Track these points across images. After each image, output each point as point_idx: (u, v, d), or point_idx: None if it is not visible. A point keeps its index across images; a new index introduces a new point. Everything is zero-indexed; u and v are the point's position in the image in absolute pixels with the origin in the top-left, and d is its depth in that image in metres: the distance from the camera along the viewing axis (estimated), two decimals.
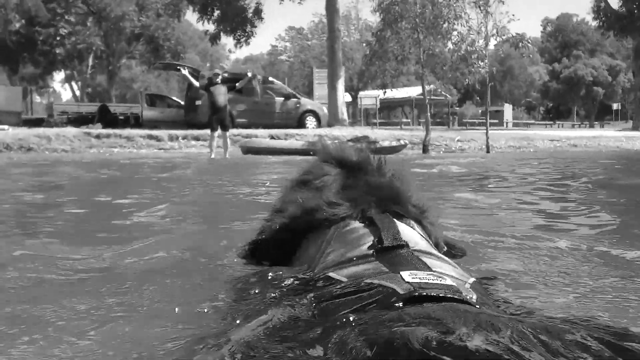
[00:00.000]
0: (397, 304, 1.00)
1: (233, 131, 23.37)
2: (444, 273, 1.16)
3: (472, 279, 1.21)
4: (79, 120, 29.04)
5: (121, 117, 30.11)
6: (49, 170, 11.05)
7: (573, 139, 28.71)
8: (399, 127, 40.23)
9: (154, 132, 22.55)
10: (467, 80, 20.11)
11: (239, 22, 31.71)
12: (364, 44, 33.00)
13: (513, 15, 19.84)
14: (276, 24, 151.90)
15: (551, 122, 70.34)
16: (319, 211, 1.57)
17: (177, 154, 19.72)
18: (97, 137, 21.79)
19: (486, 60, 20.10)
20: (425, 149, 20.83)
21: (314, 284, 1.25)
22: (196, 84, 18.40)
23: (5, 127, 22.06)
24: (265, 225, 1.77)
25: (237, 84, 18.62)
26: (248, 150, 18.55)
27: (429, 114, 22.01)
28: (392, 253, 1.27)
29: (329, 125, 27.57)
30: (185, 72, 18.46)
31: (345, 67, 31.19)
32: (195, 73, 27.49)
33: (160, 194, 6.43)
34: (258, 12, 32.10)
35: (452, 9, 19.50)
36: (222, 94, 16.83)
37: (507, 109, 63.01)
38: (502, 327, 0.83)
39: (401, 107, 65.49)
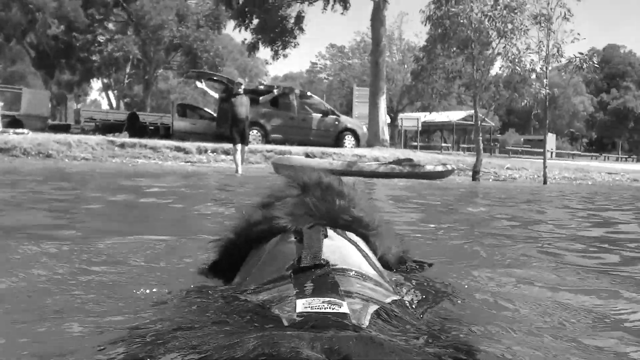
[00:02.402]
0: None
1: (266, 147, 22.02)
2: (355, 294, 1.17)
3: (389, 299, 1.23)
4: (107, 127, 27.97)
5: (151, 127, 28.96)
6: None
7: (631, 172, 26.97)
8: (439, 151, 39.04)
9: (182, 144, 21.19)
10: (525, 101, 18.21)
11: (279, 32, 30.06)
12: (412, 60, 31.22)
13: (579, 34, 17.89)
14: (317, 42, 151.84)
15: (597, 154, 68.12)
16: (258, 224, 1.60)
17: (204, 168, 18.28)
18: (122, 146, 20.53)
19: (545, 81, 18.19)
20: (475, 176, 19.01)
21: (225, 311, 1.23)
22: (215, 95, 17.02)
23: (25, 131, 20.87)
24: (218, 242, 1.80)
25: (260, 98, 17.30)
26: (280, 167, 16.95)
27: (480, 137, 20.12)
28: (308, 273, 1.27)
29: (369, 145, 25.95)
30: (202, 84, 17.03)
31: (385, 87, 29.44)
32: (231, 84, 26.33)
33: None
34: (300, 19, 30.17)
35: (508, 22, 17.65)
36: (243, 105, 15.58)
37: (550, 139, 60.86)
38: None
39: (440, 131, 64.54)
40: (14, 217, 4.41)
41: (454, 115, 52.84)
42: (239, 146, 15.58)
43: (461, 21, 17.41)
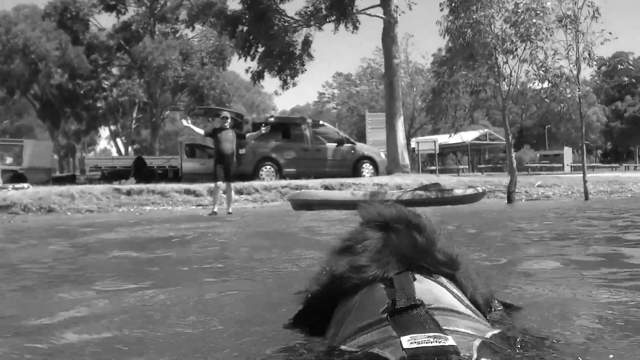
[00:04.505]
0: None
1: (281, 182, 20.71)
2: (455, 330, 1.17)
3: (490, 333, 1.22)
4: (114, 175, 26.83)
5: (159, 171, 27.77)
6: None
7: None
8: (456, 173, 37.85)
9: (192, 187, 19.91)
10: (560, 106, 16.87)
11: (286, 59, 28.84)
12: (431, 75, 29.99)
13: (610, 33, 16.53)
14: (322, 74, 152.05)
15: (617, 165, 66.38)
16: (346, 277, 1.56)
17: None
18: (128, 193, 19.25)
19: (579, 86, 16.85)
20: (510, 198, 17.57)
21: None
22: (200, 132, 15.87)
23: (25, 185, 19.67)
24: (303, 294, 1.80)
25: (247, 135, 16.29)
26: (299, 204, 15.59)
27: (513, 155, 18.67)
28: (405, 314, 1.26)
29: (389, 172, 24.52)
30: (187, 123, 15.96)
31: None
32: (239, 118, 25.28)
33: None
34: (307, 44, 28.94)
35: (530, 25, 16.32)
36: (229, 141, 14.60)
37: (567, 152, 59.42)
38: None
39: (454, 154, 63.51)
40: None
41: (467, 136, 51.38)
42: (221, 184, 14.68)
43: (482, 28, 16.10)
